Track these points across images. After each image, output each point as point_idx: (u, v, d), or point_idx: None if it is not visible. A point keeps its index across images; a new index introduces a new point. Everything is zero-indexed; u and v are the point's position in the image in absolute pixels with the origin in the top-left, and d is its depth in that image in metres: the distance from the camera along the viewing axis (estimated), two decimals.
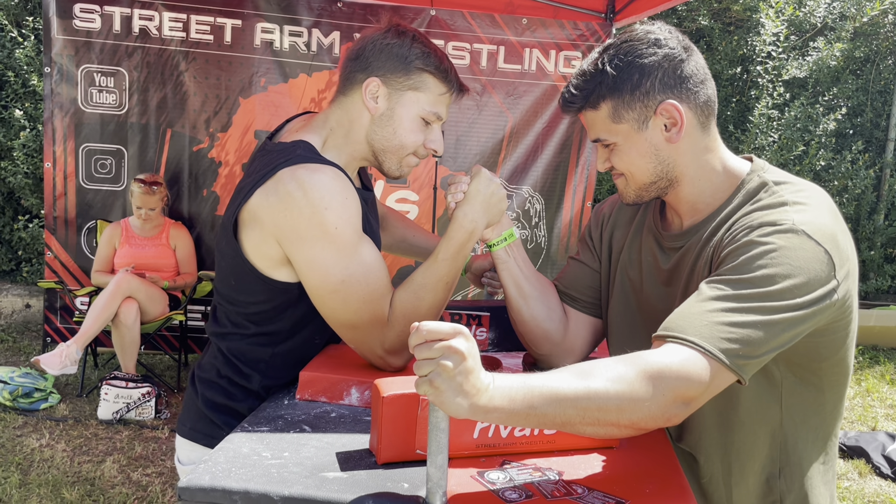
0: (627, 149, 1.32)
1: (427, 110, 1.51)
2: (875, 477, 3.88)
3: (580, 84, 1.32)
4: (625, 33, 1.31)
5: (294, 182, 1.38)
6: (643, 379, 1.06)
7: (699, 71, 1.30)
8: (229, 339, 1.57)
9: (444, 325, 1.00)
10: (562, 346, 1.55)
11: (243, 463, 1.14)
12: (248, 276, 1.48)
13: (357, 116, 1.51)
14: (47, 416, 4.00)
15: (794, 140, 6.18)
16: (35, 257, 5.87)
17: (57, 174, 4.61)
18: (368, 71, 1.48)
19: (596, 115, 1.32)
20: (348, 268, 1.41)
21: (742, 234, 1.21)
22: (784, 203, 1.23)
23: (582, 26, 4.66)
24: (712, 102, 1.32)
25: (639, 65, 1.27)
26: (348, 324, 1.45)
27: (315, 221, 1.38)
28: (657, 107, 1.28)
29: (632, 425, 1.08)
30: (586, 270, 1.59)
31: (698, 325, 1.12)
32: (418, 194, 4.77)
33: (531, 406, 1.03)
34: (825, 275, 1.16)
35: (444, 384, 0.98)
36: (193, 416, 1.62)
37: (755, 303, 1.13)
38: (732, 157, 1.37)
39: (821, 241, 1.17)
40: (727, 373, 1.12)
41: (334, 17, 4.58)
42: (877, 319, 5.99)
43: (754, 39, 6.42)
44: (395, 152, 1.52)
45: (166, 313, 4.40)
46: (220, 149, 4.69)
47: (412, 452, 1.17)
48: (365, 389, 1.41)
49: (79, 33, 4.49)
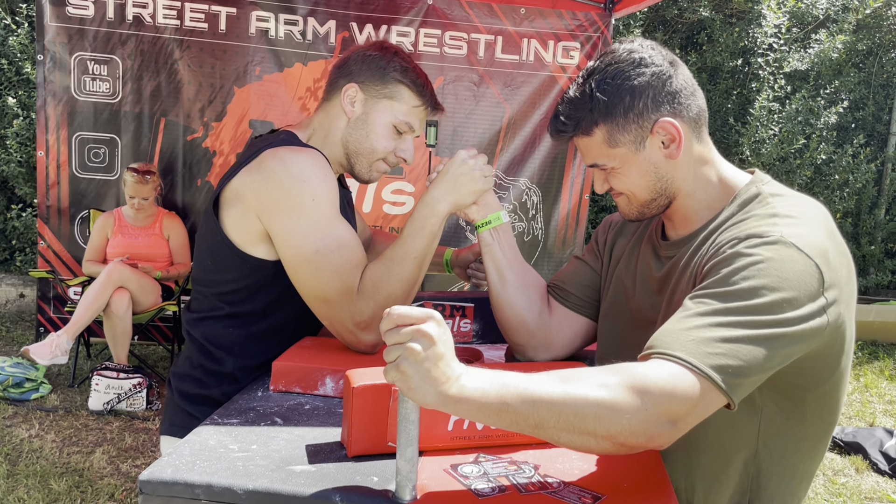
0: (627, 170, 1.31)
1: (400, 119, 1.60)
2: (872, 473, 3.84)
3: (569, 112, 1.30)
4: (606, 55, 1.30)
5: (275, 159, 1.48)
6: (625, 389, 1.00)
7: (688, 83, 1.29)
8: (203, 324, 1.61)
9: (415, 310, 0.96)
10: (538, 337, 1.52)
11: (209, 456, 1.11)
12: (224, 252, 1.53)
13: (335, 118, 1.62)
14: (38, 407, 3.98)
15: (794, 133, 6.12)
16: (28, 246, 5.84)
17: (50, 163, 4.58)
18: (349, 77, 1.60)
19: (590, 142, 1.31)
20: (322, 239, 1.46)
21: (727, 247, 1.17)
22: (774, 215, 1.19)
23: (581, 16, 4.61)
24: (703, 113, 1.31)
25: (628, 87, 1.26)
26: (320, 295, 1.48)
27: (293, 193, 1.45)
28: (653, 126, 1.27)
29: (610, 437, 1.00)
30: (586, 269, 1.58)
31: (684, 341, 1.06)
32: (414, 185, 4.73)
33: (504, 402, 0.98)
34: (814, 290, 1.10)
35: (411, 369, 0.94)
36: (171, 411, 1.66)
37: (742, 316, 1.07)
38: (731, 168, 1.34)
39: (810, 254, 1.11)
40: (716, 393, 1.05)
41: (330, 5, 4.54)
42: (876, 314, 5.95)
43: (756, 31, 6.36)
44: (366, 155, 1.62)
45: (159, 304, 4.37)
46: (215, 138, 4.65)
47: (384, 445, 1.14)
48: (340, 378, 1.38)
49: (72, 20, 4.44)
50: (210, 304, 1.60)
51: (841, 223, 6.56)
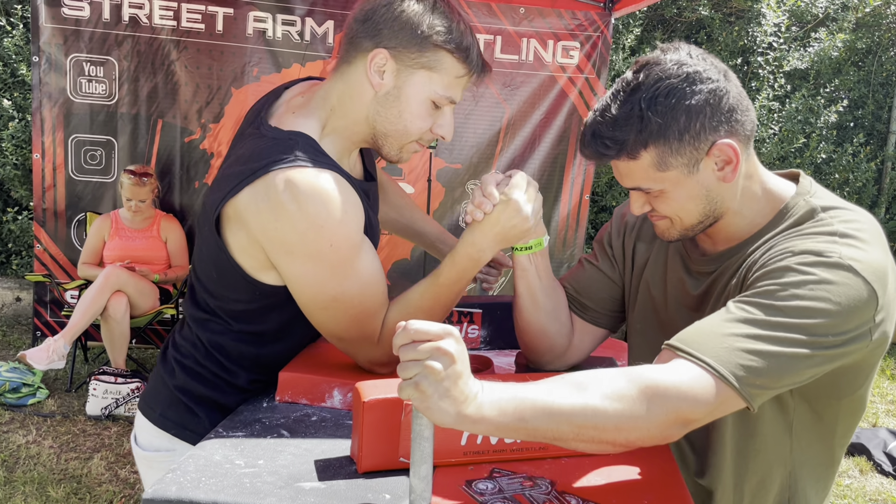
0: (675, 195, 1.20)
1: (439, 94, 1.32)
2: (876, 474, 3.82)
3: (613, 133, 1.16)
4: (651, 68, 1.16)
5: (288, 192, 1.23)
6: (645, 398, 0.99)
7: (742, 97, 1.18)
8: (210, 329, 1.44)
9: (433, 325, 0.93)
10: (563, 357, 1.48)
11: (214, 472, 1.07)
12: (231, 274, 1.35)
13: (359, 92, 1.32)
14: (34, 412, 3.93)
15: (794, 132, 6.10)
16: (25, 250, 5.79)
17: (46, 165, 4.53)
18: (377, 40, 1.29)
19: (636, 165, 1.19)
20: (342, 285, 1.29)
21: (780, 258, 1.12)
22: (833, 233, 1.13)
23: (580, 16, 4.58)
24: (755, 127, 1.22)
25: (685, 106, 1.13)
26: (336, 336, 1.36)
27: (308, 238, 1.25)
28: (710, 148, 1.16)
29: (628, 444, 1.02)
30: (604, 280, 1.48)
31: (716, 347, 1.04)
32: (413, 186, 4.69)
33: (522, 419, 0.96)
34: (867, 316, 1.08)
35: (431, 388, 0.91)
36: (165, 400, 1.48)
37: (783, 333, 1.05)
38: (772, 177, 1.27)
39: (869, 278, 1.07)
40: (737, 399, 1.04)
41: (328, 5, 4.50)
42: None
43: (755, 30, 6.33)
44: (397, 137, 1.35)
45: (157, 307, 4.33)
46: (213, 140, 4.62)
47: (395, 460, 1.11)
48: (348, 391, 1.34)
49: (67, 21, 4.40)
50: (218, 314, 1.43)
51: None
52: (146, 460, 1.51)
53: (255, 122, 1.38)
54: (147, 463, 1.51)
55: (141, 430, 1.51)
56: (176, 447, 1.45)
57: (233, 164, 1.32)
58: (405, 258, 4.71)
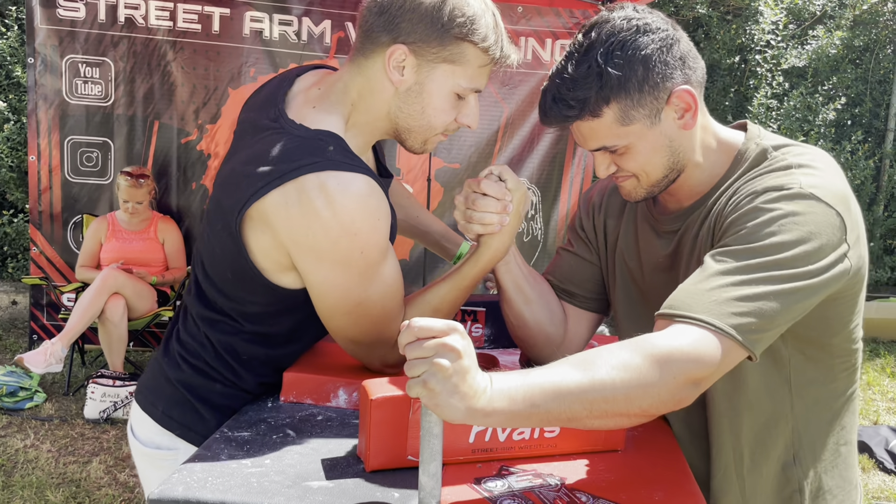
0: (640, 148, 1.21)
1: (463, 86, 1.26)
2: (879, 472, 3.81)
3: (574, 94, 1.16)
4: (601, 26, 1.17)
5: (323, 197, 1.17)
6: (651, 364, 0.99)
7: (691, 46, 1.21)
8: (220, 329, 1.39)
9: (437, 322, 0.92)
10: (561, 348, 1.46)
11: (221, 472, 1.05)
12: (249, 276, 1.29)
13: (378, 87, 1.26)
14: (32, 416, 3.91)
15: (793, 130, 6.10)
16: (21, 253, 5.76)
17: (42, 167, 4.51)
18: (394, 34, 1.22)
19: (598, 123, 1.18)
20: (367, 290, 1.26)
21: (745, 201, 1.14)
22: (789, 166, 1.16)
23: (578, 14, 4.57)
24: (705, 73, 1.24)
25: (640, 57, 1.14)
26: (354, 340, 1.33)
27: (341, 246, 1.20)
28: (669, 96, 1.17)
29: (642, 413, 1.01)
30: (584, 264, 1.49)
31: (706, 302, 1.05)
32: (412, 186, 4.68)
33: (533, 405, 0.95)
34: (837, 239, 1.10)
35: (439, 385, 0.89)
36: (169, 397, 1.43)
37: (765, 272, 1.06)
38: (723, 128, 1.29)
39: (832, 203, 1.10)
40: (739, 349, 1.05)
41: (325, 5, 4.49)
42: (877, 311, 5.92)
43: (753, 28, 6.34)
44: (420, 132, 1.30)
45: (155, 309, 4.30)
46: (210, 140, 4.60)
47: (403, 458, 1.09)
48: (353, 390, 1.32)
49: (63, 23, 4.37)
50: (230, 314, 1.38)
51: None
52: (147, 457, 1.47)
53: (271, 114, 1.31)
54: (148, 460, 1.48)
55: (140, 424, 1.47)
56: (179, 447, 1.42)
57: (253, 161, 1.25)
58: (404, 259, 4.69)
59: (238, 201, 1.24)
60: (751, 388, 1.26)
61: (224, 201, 1.28)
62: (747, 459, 1.30)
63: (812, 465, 1.29)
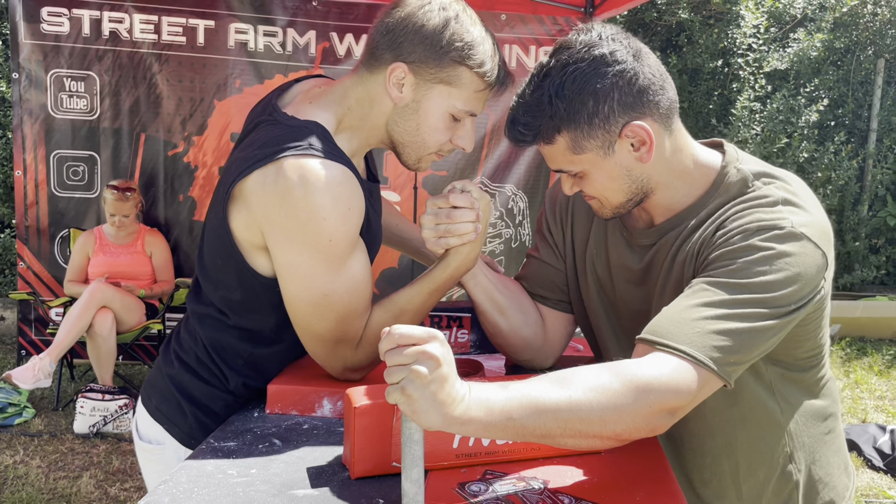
0: (596, 175, 1.22)
1: (459, 108, 1.33)
2: (867, 470, 3.84)
3: (527, 119, 1.19)
4: (562, 52, 1.17)
5: (297, 178, 1.22)
6: (629, 390, 1.01)
7: (655, 76, 1.18)
8: (208, 324, 1.43)
9: (417, 329, 0.93)
10: (543, 349, 1.48)
11: (207, 482, 1.06)
12: (230, 256, 1.34)
13: (378, 100, 1.34)
14: (22, 432, 3.89)
15: (776, 132, 6.16)
16: (8, 268, 5.74)
17: (28, 182, 4.50)
18: (396, 52, 1.30)
19: (553, 149, 1.21)
20: (334, 282, 1.28)
21: (738, 238, 1.15)
22: (776, 203, 1.18)
23: (561, 21, 4.60)
24: (674, 103, 1.23)
25: (591, 90, 1.15)
26: (318, 336, 1.33)
27: (310, 228, 1.24)
28: (621, 130, 1.18)
29: (615, 437, 1.03)
30: (550, 269, 1.49)
31: (689, 333, 1.07)
32: (399, 194, 4.69)
33: (510, 418, 0.96)
34: (818, 278, 1.15)
35: (417, 392, 0.91)
36: (160, 392, 1.49)
37: (750, 308, 1.09)
38: (701, 148, 1.29)
39: (820, 244, 1.15)
40: (716, 380, 1.09)
41: (309, 15, 4.50)
42: (863, 311, 5.98)
43: (735, 32, 6.39)
44: (415, 148, 1.37)
45: (143, 322, 4.29)
46: (197, 151, 4.60)
47: (388, 465, 1.10)
48: (338, 400, 1.33)
49: (47, 37, 4.37)
50: (218, 305, 1.41)
51: None
52: (142, 451, 1.52)
53: (267, 110, 1.38)
54: (143, 454, 1.53)
55: (141, 419, 1.52)
56: (165, 442, 1.46)
57: (245, 148, 1.33)
58: (393, 266, 4.70)
59: (226, 183, 1.31)
60: (745, 403, 1.29)
61: (220, 188, 1.36)
62: (743, 467, 1.33)
63: (804, 459, 1.34)
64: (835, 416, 1.38)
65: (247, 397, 1.44)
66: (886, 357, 5.67)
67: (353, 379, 1.38)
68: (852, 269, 6.68)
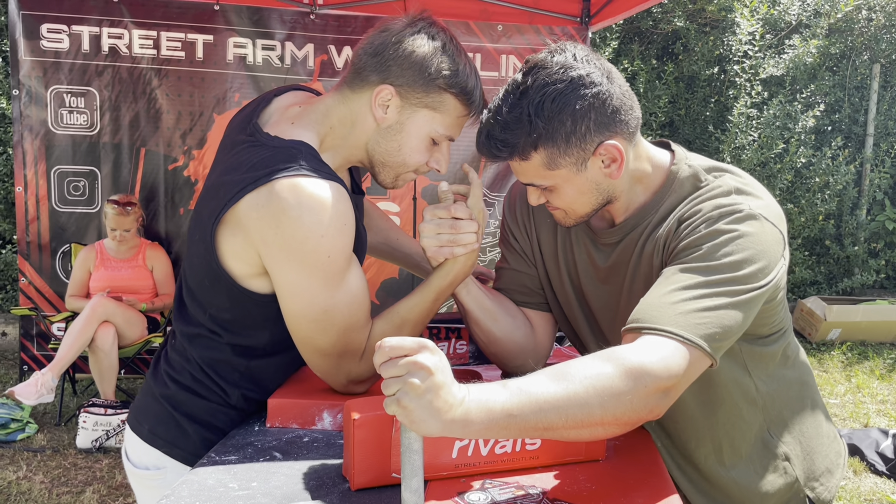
0: (566, 189, 1.28)
1: (439, 132, 1.38)
2: (870, 474, 3.84)
3: (504, 136, 1.22)
4: (538, 71, 1.21)
5: (293, 199, 1.23)
6: (624, 375, 1.05)
7: (626, 97, 1.25)
8: (201, 344, 1.42)
9: (407, 341, 0.95)
10: (536, 352, 1.50)
11: (208, 496, 1.07)
12: (220, 281, 1.34)
13: (361, 119, 1.37)
14: (24, 448, 3.89)
15: (773, 138, 6.17)
16: (9, 284, 5.75)
17: (29, 198, 4.52)
18: (384, 75, 1.33)
19: (527, 164, 1.25)
20: (333, 297, 1.30)
21: (702, 225, 1.22)
22: (729, 192, 1.26)
23: (558, 31, 4.63)
24: (639, 120, 1.30)
25: (570, 110, 1.20)
26: (321, 351, 1.34)
27: (308, 247, 1.25)
28: (595, 148, 1.24)
29: (615, 421, 1.06)
30: (522, 276, 1.52)
31: (672, 315, 1.12)
32: (399, 205, 4.71)
33: (510, 415, 0.98)
34: (779, 254, 1.23)
35: (413, 403, 0.93)
36: (155, 415, 1.46)
37: (725, 287, 1.15)
38: (654, 149, 1.36)
39: (776, 223, 1.23)
40: (705, 358, 1.13)
41: (308, 29, 4.53)
42: (863, 315, 5.98)
43: (730, 39, 6.42)
44: (394, 167, 1.41)
45: (145, 336, 4.30)
46: (197, 165, 4.62)
47: (388, 476, 1.11)
48: (337, 412, 1.34)
49: (46, 54, 4.41)
50: (208, 325, 1.40)
51: (823, 225, 6.61)
52: (138, 478, 1.49)
53: (247, 129, 1.38)
54: (139, 481, 1.50)
55: (131, 446, 1.49)
56: (166, 465, 1.44)
57: (229, 172, 1.32)
58: (393, 276, 4.71)
59: (215, 209, 1.31)
60: (720, 385, 1.35)
61: (203, 212, 1.35)
62: (726, 447, 1.39)
63: (788, 432, 1.41)
64: (809, 386, 1.46)
65: (248, 410, 1.44)
66: (888, 361, 5.67)
67: (357, 392, 1.39)
68: (852, 273, 6.69)
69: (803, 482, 1.42)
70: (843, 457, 1.51)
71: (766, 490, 1.40)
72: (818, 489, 1.44)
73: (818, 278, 6.71)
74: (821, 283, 6.73)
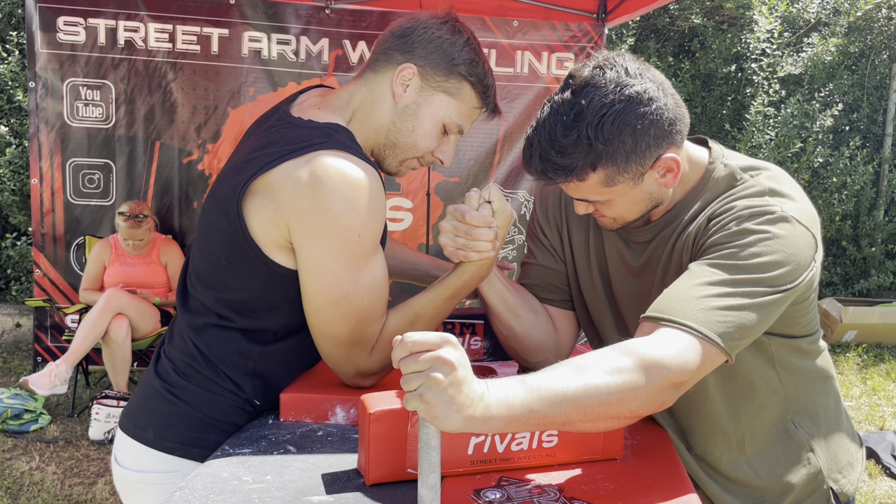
0: (621, 203, 1.27)
1: (452, 119, 1.40)
2: (885, 478, 3.80)
3: (562, 161, 1.19)
4: (589, 91, 1.17)
5: (333, 171, 1.23)
6: (641, 368, 1.05)
7: (678, 105, 1.23)
8: (208, 333, 1.38)
9: (429, 335, 0.94)
10: (557, 350, 1.48)
11: (222, 489, 1.07)
12: (244, 254, 1.30)
13: (380, 98, 1.39)
14: (37, 438, 3.91)
15: (791, 137, 6.12)
16: (24, 275, 5.78)
17: (44, 190, 4.54)
18: (409, 55, 1.37)
19: (584, 184, 1.23)
20: (357, 281, 1.28)
21: (732, 223, 1.21)
22: (763, 193, 1.24)
23: (574, 27, 4.60)
24: (688, 126, 1.28)
25: (630, 130, 1.17)
26: (335, 338, 1.32)
27: (341, 223, 1.23)
28: (654, 163, 1.22)
29: (631, 414, 1.07)
30: (549, 272, 1.50)
31: (693, 310, 1.12)
32: (412, 200, 4.70)
33: (530, 410, 0.98)
34: (810, 258, 1.21)
35: (436, 398, 0.92)
36: (159, 418, 1.39)
37: (749, 287, 1.15)
38: (692, 146, 1.35)
39: (809, 226, 1.21)
40: (720, 354, 1.13)
41: (322, 23, 4.53)
42: (880, 317, 5.91)
43: (748, 37, 6.37)
44: (403, 150, 1.41)
45: (158, 329, 4.31)
46: (211, 159, 4.63)
47: (403, 471, 1.10)
48: (351, 407, 1.33)
49: (63, 47, 4.42)
50: (217, 309, 1.36)
51: (840, 226, 6.55)
52: (138, 483, 1.43)
53: (276, 116, 1.40)
54: (139, 486, 1.43)
55: (127, 452, 1.43)
56: (177, 468, 1.38)
57: (261, 149, 1.31)
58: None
59: (240, 181, 1.29)
60: (743, 377, 1.34)
61: (223, 188, 1.34)
62: (748, 438, 1.39)
63: (814, 423, 1.41)
64: (833, 380, 1.46)
65: (262, 404, 1.41)
66: None
67: (364, 386, 1.38)
68: (868, 274, 6.62)
69: (826, 473, 1.41)
70: (862, 453, 1.51)
71: (789, 480, 1.38)
72: (841, 481, 1.43)
73: (834, 279, 6.65)
74: (837, 284, 6.67)
